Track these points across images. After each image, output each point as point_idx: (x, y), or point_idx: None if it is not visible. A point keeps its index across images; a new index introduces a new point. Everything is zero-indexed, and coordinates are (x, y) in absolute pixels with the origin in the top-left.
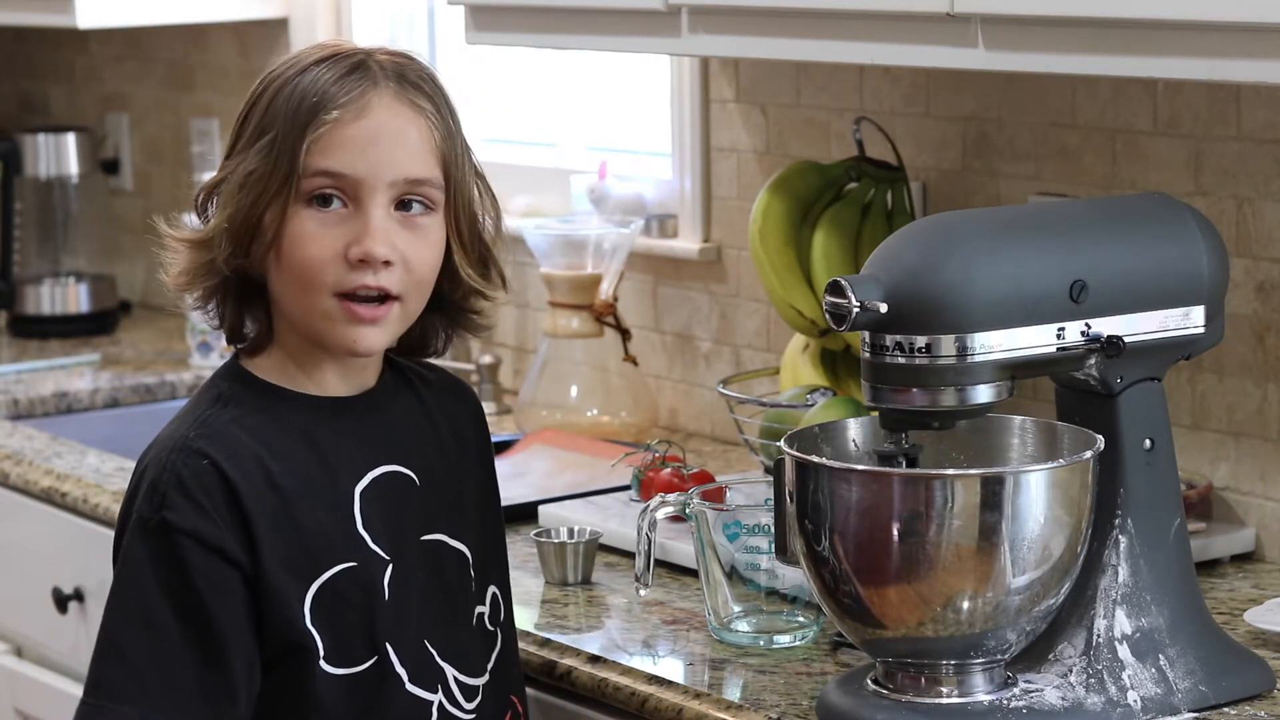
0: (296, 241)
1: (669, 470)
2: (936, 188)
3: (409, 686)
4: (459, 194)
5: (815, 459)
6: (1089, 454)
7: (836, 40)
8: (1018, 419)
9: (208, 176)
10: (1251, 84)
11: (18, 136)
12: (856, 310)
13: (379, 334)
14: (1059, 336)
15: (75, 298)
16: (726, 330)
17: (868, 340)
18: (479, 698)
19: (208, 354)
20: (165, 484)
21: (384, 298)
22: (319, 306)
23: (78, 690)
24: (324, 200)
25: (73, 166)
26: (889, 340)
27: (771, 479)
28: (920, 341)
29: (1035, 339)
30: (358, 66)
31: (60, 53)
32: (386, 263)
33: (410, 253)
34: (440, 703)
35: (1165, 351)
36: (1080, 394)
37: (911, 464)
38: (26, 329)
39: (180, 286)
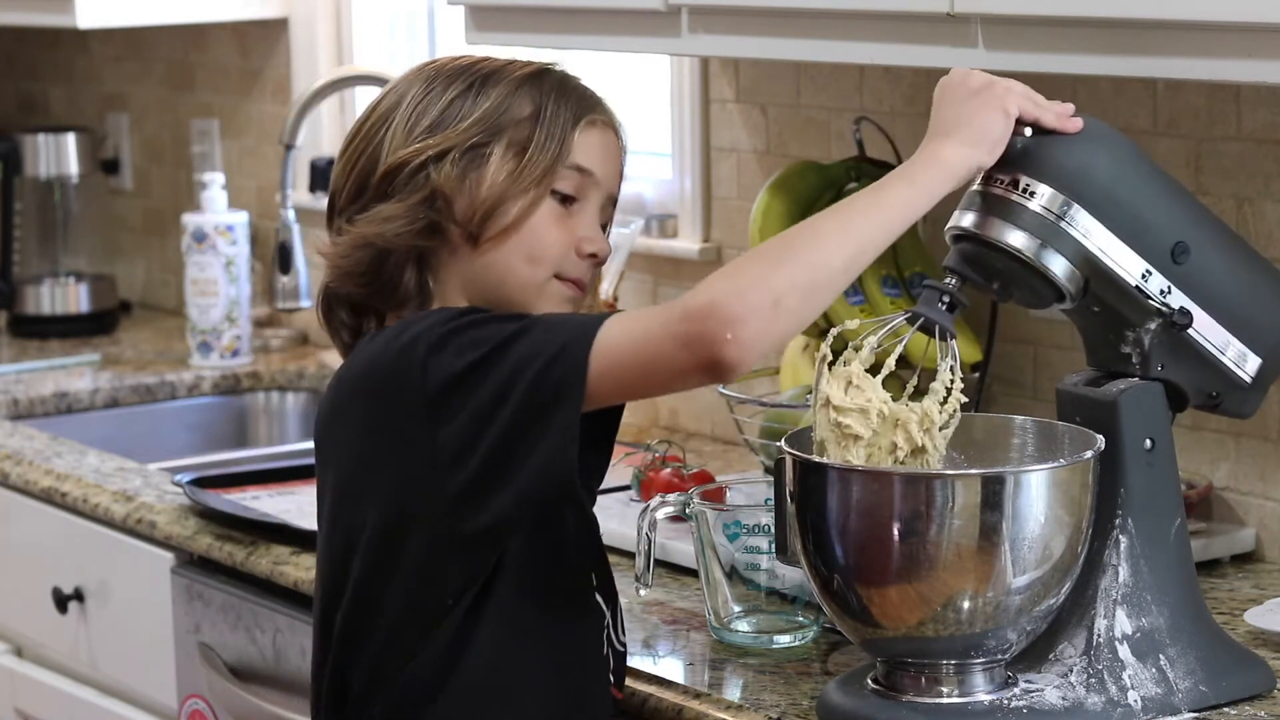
0: (542, 224)
1: (669, 470)
2: None
3: (595, 596)
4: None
5: (815, 459)
6: (1089, 454)
7: (836, 40)
8: (1018, 419)
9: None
10: (1251, 84)
11: (18, 136)
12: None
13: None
14: (1144, 278)
15: (75, 298)
16: None
17: (983, 174)
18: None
19: (207, 354)
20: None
21: None
22: (537, 282)
23: (78, 690)
24: (565, 195)
25: (73, 166)
26: (1004, 175)
27: (771, 479)
28: (1031, 184)
29: (1124, 261)
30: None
31: (60, 53)
32: (601, 262)
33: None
34: (609, 623)
35: (1206, 373)
36: (1080, 394)
37: (951, 310)
38: (26, 329)
39: (355, 253)
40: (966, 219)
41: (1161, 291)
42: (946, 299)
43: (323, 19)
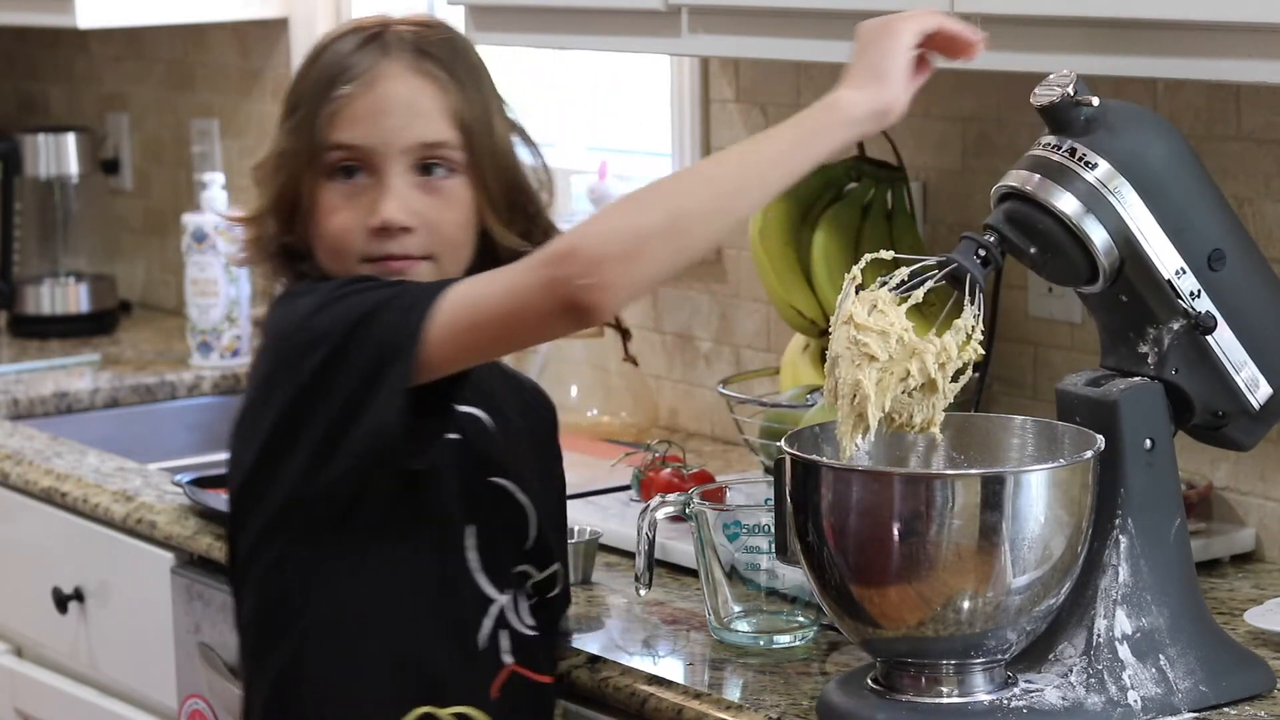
0: (325, 214)
1: (669, 470)
2: (936, 188)
3: (477, 579)
4: (482, 154)
5: (815, 459)
6: (1089, 454)
7: (836, 40)
8: (1018, 419)
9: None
10: (1251, 84)
11: (18, 136)
12: (1067, 96)
13: None
14: (1178, 275)
15: (75, 298)
16: (726, 330)
17: (1042, 140)
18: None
19: (208, 354)
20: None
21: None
22: (351, 272)
23: (78, 690)
24: (347, 172)
25: (73, 166)
26: (1057, 140)
27: (771, 479)
28: (1089, 155)
29: (1162, 252)
30: (373, 39)
31: (60, 53)
32: (406, 229)
33: (433, 215)
34: (505, 607)
35: (1217, 388)
36: (1080, 394)
37: (985, 265)
38: (26, 329)
39: (242, 264)
40: (1017, 178)
41: (1191, 293)
42: (982, 252)
43: (323, 19)
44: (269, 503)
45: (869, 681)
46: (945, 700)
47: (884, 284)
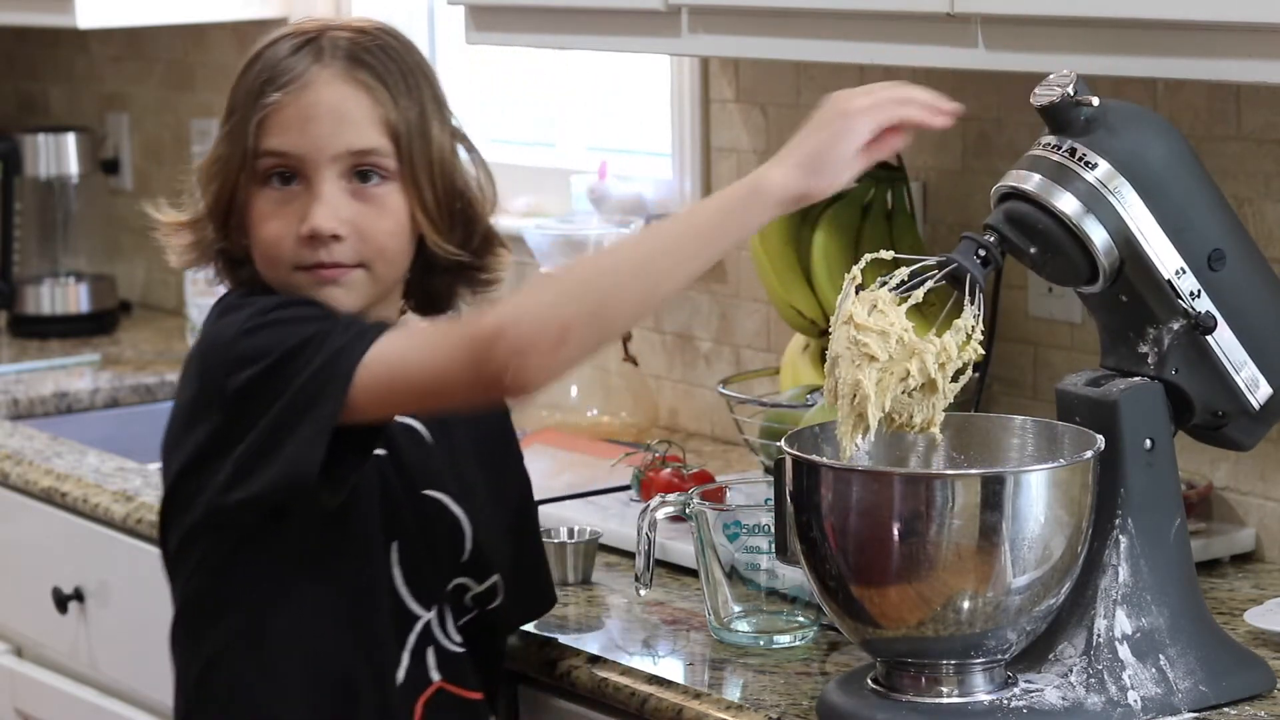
0: (258, 221)
1: (669, 470)
2: (936, 188)
3: (401, 593)
4: (417, 162)
5: (815, 459)
6: (1089, 454)
7: (836, 40)
8: (1018, 419)
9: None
10: (1251, 84)
11: (18, 136)
12: (1067, 96)
13: (345, 295)
14: (1178, 275)
15: (75, 298)
16: (726, 330)
17: (1042, 140)
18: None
19: None
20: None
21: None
22: (286, 280)
23: (78, 690)
24: (283, 179)
25: (73, 166)
26: (1057, 140)
27: (771, 479)
28: (1089, 155)
29: (1162, 252)
30: (307, 44)
31: (60, 53)
32: (336, 237)
33: (364, 223)
34: (432, 621)
35: (1217, 388)
36: (1080, 394)
37: (985, 264)
38: (26, 329)
39: (186, 265)
40: (1017, 178)
41: (1191, 293)
42: (982, 252)
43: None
44: (193, 510)
45: (869, 681)
46: (945, 700)
47: (884, 284)
